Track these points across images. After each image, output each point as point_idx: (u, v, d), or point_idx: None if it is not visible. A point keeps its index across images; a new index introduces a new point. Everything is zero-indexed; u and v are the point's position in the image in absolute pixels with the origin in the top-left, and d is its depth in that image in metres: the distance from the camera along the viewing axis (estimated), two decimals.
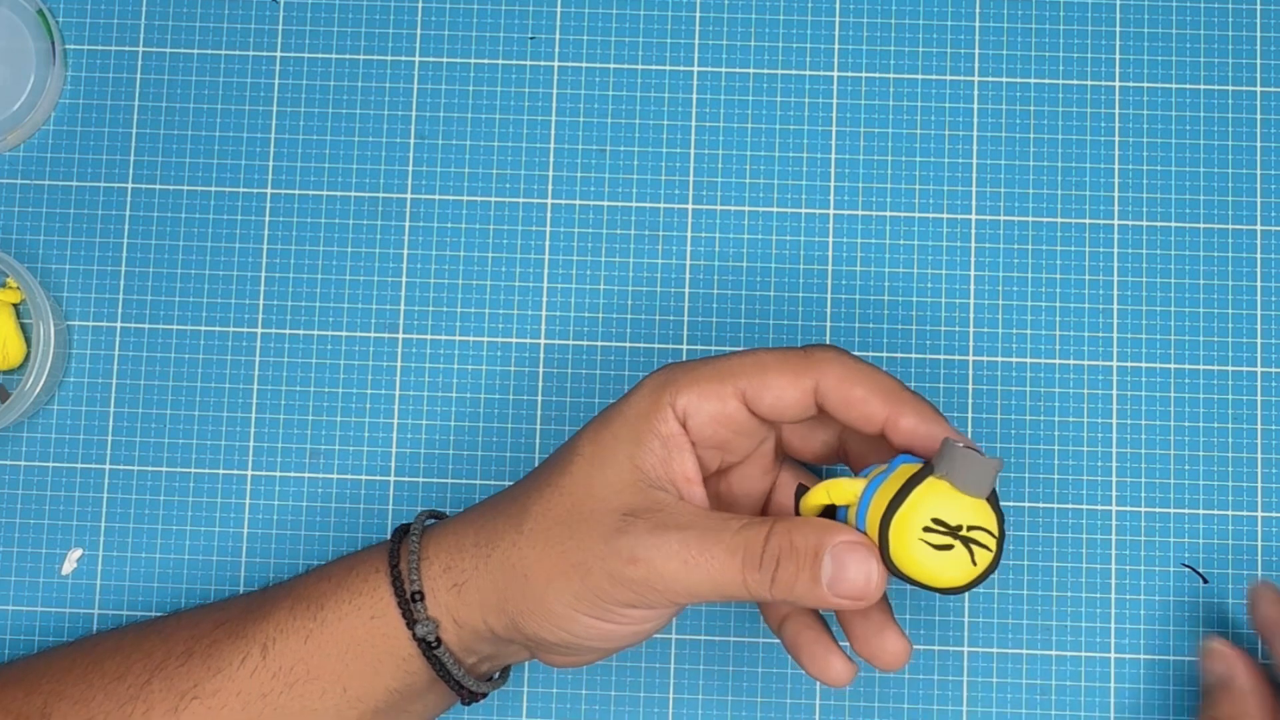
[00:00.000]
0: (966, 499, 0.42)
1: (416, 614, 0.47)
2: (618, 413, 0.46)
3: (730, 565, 0.43)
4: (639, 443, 0.45)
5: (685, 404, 0.46)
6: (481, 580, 0.47)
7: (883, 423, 0.45)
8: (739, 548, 0.44)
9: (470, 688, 0.49)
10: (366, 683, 0.48)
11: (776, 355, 0.46)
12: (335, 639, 0.48)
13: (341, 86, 0.58)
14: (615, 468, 0.45)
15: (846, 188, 0.57)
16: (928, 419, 0.45)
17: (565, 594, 0.45)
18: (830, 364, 0.45)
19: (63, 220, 0.58)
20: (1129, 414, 0.56)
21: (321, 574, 0.50)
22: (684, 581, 0.44)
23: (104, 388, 0.57)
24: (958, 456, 0.41)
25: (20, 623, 0.56)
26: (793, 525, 0.44)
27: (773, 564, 0.43)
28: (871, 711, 0.55)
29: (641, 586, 0.44)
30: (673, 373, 0.46)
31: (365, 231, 0.58)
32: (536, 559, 0.46)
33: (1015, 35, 0.58)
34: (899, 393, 0.45)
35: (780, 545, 0.43)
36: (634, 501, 0.45)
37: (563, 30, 0.58)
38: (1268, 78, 0.57)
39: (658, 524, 0.44)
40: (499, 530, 0.47)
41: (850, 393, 0.45)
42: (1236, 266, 0.57)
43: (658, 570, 0.44)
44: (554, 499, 0.46)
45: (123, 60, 0.58)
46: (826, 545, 0.43)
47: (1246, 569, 0.55)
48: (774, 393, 0.45)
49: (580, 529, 0.45)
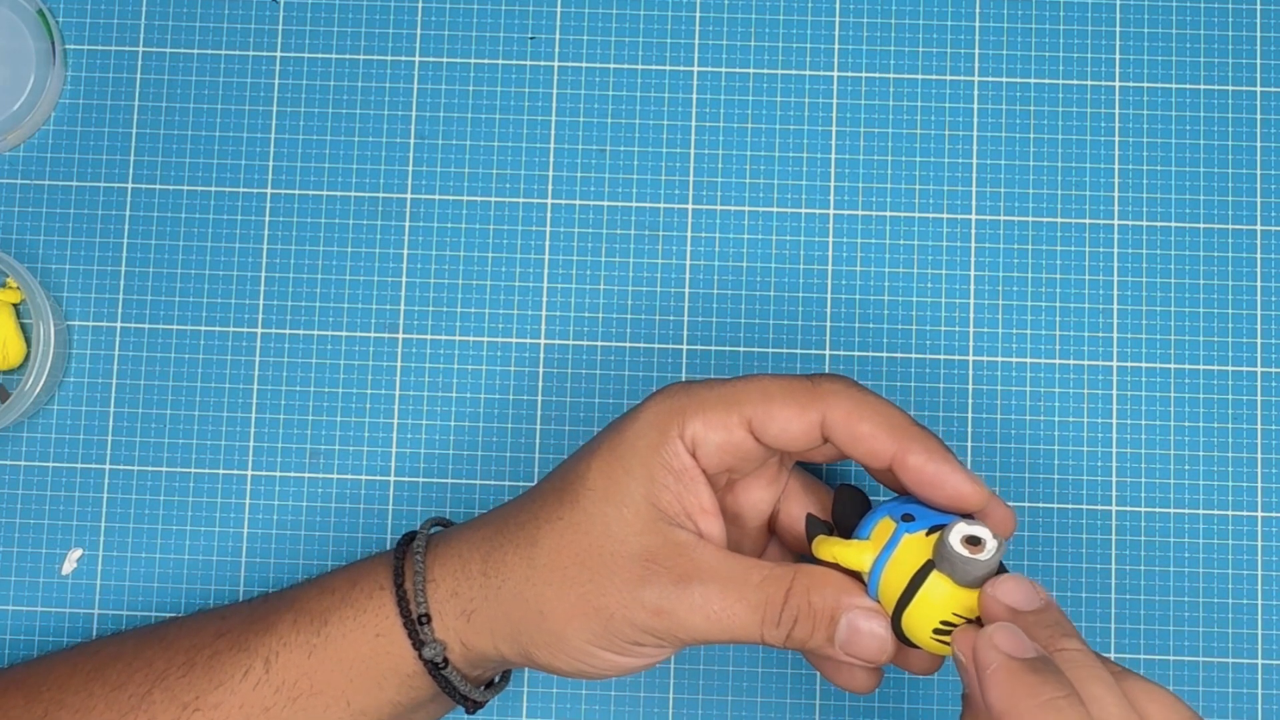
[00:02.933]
0: (974, 591, 0.42)
1: (424, 636, 0.47)
2: (625, 443, 0.46)
3: (751, 621, 0.44)
4: (653, 480, 0.45)
5: (693, 434, 0.45)
6: (493, 610, 0.47)
7: (889, 459, 0.45)
8: (760, 605, 0.44)
9: (475, 698, 0.49)
10: (370, 697, 0.48)
11: (782, 385, 0.46)
12: (339, 655, 0.48)
13: (341, 86, 0.58)
14: (631, 506, 0.45)
15: (846, 188, 0.57)
16: (935, 459, 0.44)
17: (585, 633, 0.45)
18: (837, 397, 0.45)
19: (63, 220, 0.58)
20: (1129, 414, 0.56)
21: (324, 587, 0.49)
22: (705, 632, 0.44)
23: (104, 388, 0.57)
24: (955, 559, 0.42)
25: (20, 623, 0.56)
26: (811, 584, 0.44)
27: (790, 622, 0.44)
28: (871, 711, 0.55)
29: (663, 634, 0.45)
30: (677, 400, 0.46)
31: (365, 231, 0.57)
32: (554, 597, 0.45)
33: (1015, 35, 0.58)
34: (907, 429, 0.45)
35: (799, 605, 0.44)
36: (654, 545, 0.45)
37: (563, 30, 0.58)
38: (1268, 78, 0.57)
39: (681, 575, 0.44)
40: (508, 562, 0.46)
41: (857, 429, 0.45)
42: (1236, 266, 0.57)
43: (680, 622, 0.44)
44: (568, 535, 0.46)
45: (123, 60, 0.58)
46: (843, 610, 0.44)
47: (1246, 569, 0.55)
48: (779, 424, 0.45)
49: (600, 573, 0.45)
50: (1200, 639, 0.55)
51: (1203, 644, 0.55)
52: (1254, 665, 0.55)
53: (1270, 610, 0.55)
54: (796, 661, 0.56)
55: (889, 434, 0.45)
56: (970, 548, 0.42)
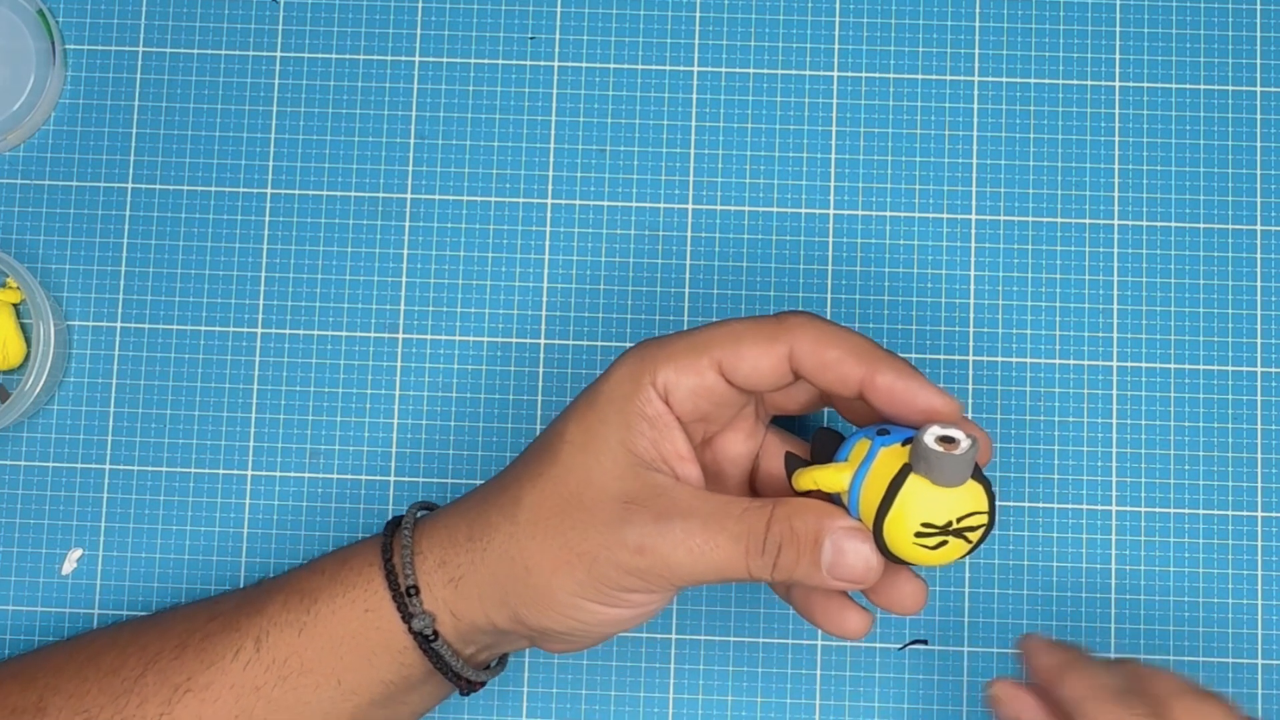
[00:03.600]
0: (950, 491, 0.42)
1: (412, 608, 0.47)
2: (600, 395, 0.46)
3: (735, 553, 0.44)
4: (628, 426, 0.46)
5: (664, 380, 0.46)
6: (479, 574, 0.47)
7: (859, 384, 0.45)
8: (743, 535, 0.44)
9: (469, 677, 0.49)
10: (361, 675, 0.48)
11: (750, 324, 0.46)
12: (329, 632, 0.48)
13: (341, 86, 0.58)
14: (609, 454, 0.46)
15: (846, 188, 0.57)
16: (904, 376, 0.44)
17: (570, 583, 0.45)
18: (803, 329, 0.45)
19: (63, 220, 0.58)
20: (1129, 414, 0.56)
21: (314, 568, 0.50)
22: (690, 568, 0.44)
23: (104, 388, 0.57)
24: (930, 457, 0.41)
25: (20, 623, 0.56)
26: (792, 511, 0.44)
27: (775, 550, 0.44)
28: (871, 711, 0.55)
29: (648, 574, 0.45)
30: (647, 349, 0.46)
31: (365, 231, 0.58)
32: (537, 550, 0.46)
33: (1015, 35, 0.58)
34: (873, 352, 0.45)
35: (781, 532, 0.44)
36: (633, 488, 0.45)
37: (563, 30, 0.58)
38: (1268, 78, 0.57)
39: (660, 512, 0.44)
40: (492, 522, 0.47)
41: (824, 356, 0.45)
42: (1236, 266, 0.57)
43: (664, 559, 0.44)
44: (548, 488, 0.46)
45: (123, 60, 0.58)
46: (826, 532, 0.44)
47: (1246, 569, 0.55)
48: (749, 362, 0.45)
49: (581, 518, 0.45)
50: (1200, 639, 0.55)
51: (1203, 644, 0.55)
52: (1254, 665, 0.55)
53: (1270, 610, 0.55)
54: (796, 661, 0.56)
55: (856, 358, 0.45)
56: (945, 446, 0.42)
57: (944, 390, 0.44)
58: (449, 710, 0.55)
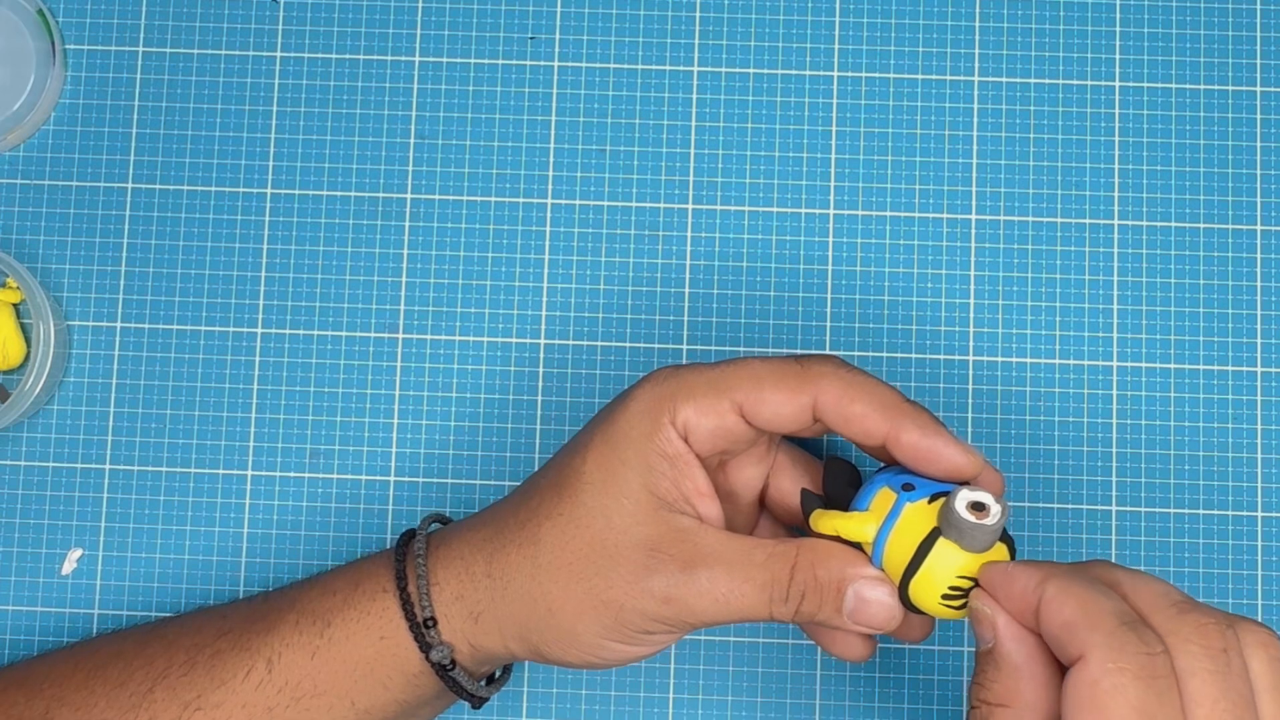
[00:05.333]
0: (979, 554, 0.43)
1: (430, 639, 0.47)
2: (618, 432, 0.46)
3: (759, 600, 0.44)
4: (649, 468, 0.45)
5: (685, 420, 0.45)
6: (499, 611, 0.47)
7: (883, 438, 0.45)
8: (767, 584, 0.44)
9: (481, 695, 0.49)
10: (375, 697, 0.48)
11: (772, 368, 0.45)
12: (343, 657, 0.48)
13: (341, 86, 0.58)
14: (630, 496, 0.45)
15: (846, 188, 0.57)
16: (929, 434, 0.44)
17: (595, 627, 0.45)
18: (828, 379, 0.45)
19: (63, 220, 0.58)
20: (1129, 414, 0.56)
21: (325, 588, 0.49)
22: (715, 615, 0.45)
23: (104, 388, 0.57)
24: (963, 526, 0.42)
25: (20, 623, 0.56)
26: (815, 559, 0.44)
27: (799, 598, 0.44)
28: (871, 711, 0.55)
29: (673, 620, 0.45)
30: (667, 385, 0.46)
31: (365, 231, 0.57)
32: (560, 593, 0.46)
33: (1015, 35, 0.58)
34: (899, 406, 0.45)
35: (806, 580, 0.44)
36: (656, 533, 0.45)
37: (563, 30, 0.58)
38: (1268, 78, 0.57)
39: (686, 561, 0.45)
40: (512, 562, 0.47)
41: (849, 410, 0.45)
42: (1236, 266, 0.57)
43: (689, 607, 0.44)
44: (569, 530, 0.46)
45: (123, 60, 0.58)
46: (850, 581, 0.44)
47: (1246, 569, 0.55)
48: (771, 409, 0.45)
49: (605, 566, 0.45)
50: None
51: None
52: None
53: (1270, 610, 0.55)
54: (796, 661, 0.56)
55: (881, 414, 0.45)
56: (976, 514, 0.42)
57: (967, 446, 0.44)
58: (449, 710, 0.55)
